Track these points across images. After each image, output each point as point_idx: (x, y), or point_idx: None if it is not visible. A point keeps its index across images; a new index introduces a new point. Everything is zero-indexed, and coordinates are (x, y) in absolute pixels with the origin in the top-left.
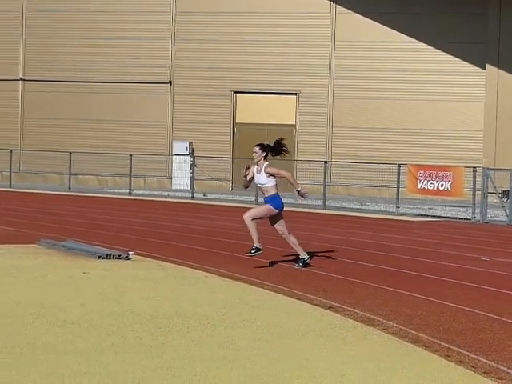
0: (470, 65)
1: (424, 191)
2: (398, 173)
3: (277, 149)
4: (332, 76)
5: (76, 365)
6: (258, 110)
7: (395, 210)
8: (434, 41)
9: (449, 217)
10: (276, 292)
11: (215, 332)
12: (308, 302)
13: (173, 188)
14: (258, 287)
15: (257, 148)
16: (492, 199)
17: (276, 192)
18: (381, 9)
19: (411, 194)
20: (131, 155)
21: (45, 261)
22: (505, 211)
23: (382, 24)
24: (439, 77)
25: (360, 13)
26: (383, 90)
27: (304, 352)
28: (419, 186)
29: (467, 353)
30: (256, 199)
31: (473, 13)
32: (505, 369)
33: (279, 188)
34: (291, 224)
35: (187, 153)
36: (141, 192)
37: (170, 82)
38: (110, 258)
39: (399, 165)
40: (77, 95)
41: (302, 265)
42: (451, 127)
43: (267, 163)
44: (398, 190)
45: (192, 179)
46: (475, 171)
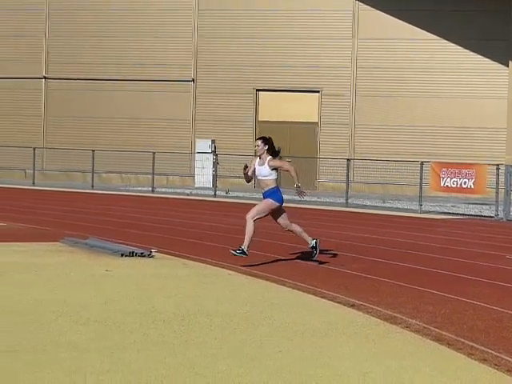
0: (493, 62)
1: (447, 189)
2: (421, 170)
3: (275, 152)
4: (354, 74)
5: (99, 363)
6: (281, 108)
7: (418, 208)
8: (456, 38)
9: (472, 214)
10: (298, 290)
11: (238, 330)
12: (331, 300)
13: (195, 186)
14: (281, 285)
15: (259, 141)
16: None
17: (276, 185)
18: (403, 6)
19: (434, 192)
20: (154, 153)
21: (68, 259)
22: None
23: (405, 21)
24: (462, 74)
25: (382, 10)
26: (405, 88)
27: (326, 350)
28: (442, 184)
29: (490, 351)
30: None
31: (496, 10)
32: None
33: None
34: (313, 222)
35: (210, 151)
36: (163, 190)
37: (193, 80)
38: (133, 256)
39: (422, 162)
40: (100, 93)
41: (315, 249)
42: (474, 125)
43: (270, 157)
44: (421, 188)
45: (214, 177)
46: (498, 169)
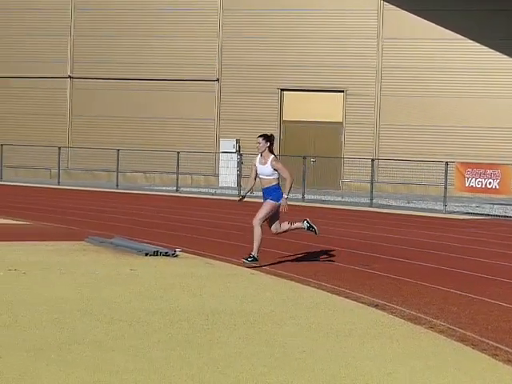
0: None
1: (472, 189)
2: (446, 171)
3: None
4: (379, 73)
5: (123, 361)
6: (305, 108)
7: (443, 208)
8: (482, 38)
9: (497, 215)
10: (322, 290)
11: (262, 329)
12: (354, 300)
13: (219, 185)
14: (305, 285)
15: (260, 139)
16: None
17: (278, 183)
18: (428, 6)
19: (459, 192)
20: (178, 153)
21: (93, 258)
22: None
23: (430, 21)
24: (487, 74)
25: (408, 10)
26: (430, 88)
27: (350, 350)
28: (467, 184)
29: None
30: (303, 196)
31: None
32: None
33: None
34: (337, 222)
35: (234, 150)
36: (188, 189)
37: (218, 80)
38: (157, 255)
39: (447, 162)
40: (124, 93)
41: (312, 228)
42: (499, 125)
43: (273, 156)
44: (446, 188)
45: (239, 177)
46: None
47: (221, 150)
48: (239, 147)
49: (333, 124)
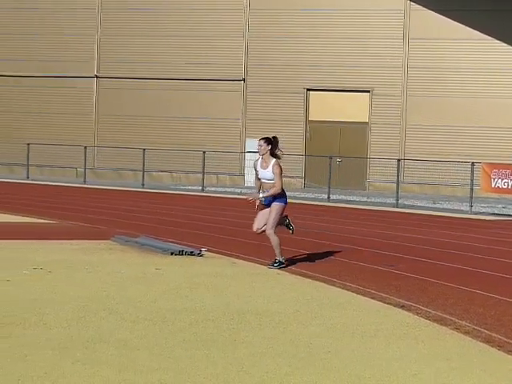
0: None
1: (498, 190)
2: (472, 171)
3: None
4: (405, 74)
5: (148, 360)
6: (331, 108)
7: (469, 209)
8: (508, 38)
9: None
10: (348, 290)
11: (287, 329)
12: (380, 301)
13: (245, 185)
14: (330, 285)
15: (262, 141)
16: None
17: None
18: (455, 6)
19: (485, 193)
20: (204, 152)
21: (118, 257)
22: None
23: (457, 21)
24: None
25: (434, 10)
26: (457, 88)
27: (376, 351)
28: (493, 185)
29: None
30: (328, 196)
31: None
32: None
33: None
34: (361, 222)
35: None
36: (213, 189)
37: (244, 79)
38: (183, 255)
39: (473, 163)
40: (150, 92)
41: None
42: None
43: (275, 160)
44: (472, 189)
45: None
46: None
47: (246, 150)
48: None
49: (358, 124)
